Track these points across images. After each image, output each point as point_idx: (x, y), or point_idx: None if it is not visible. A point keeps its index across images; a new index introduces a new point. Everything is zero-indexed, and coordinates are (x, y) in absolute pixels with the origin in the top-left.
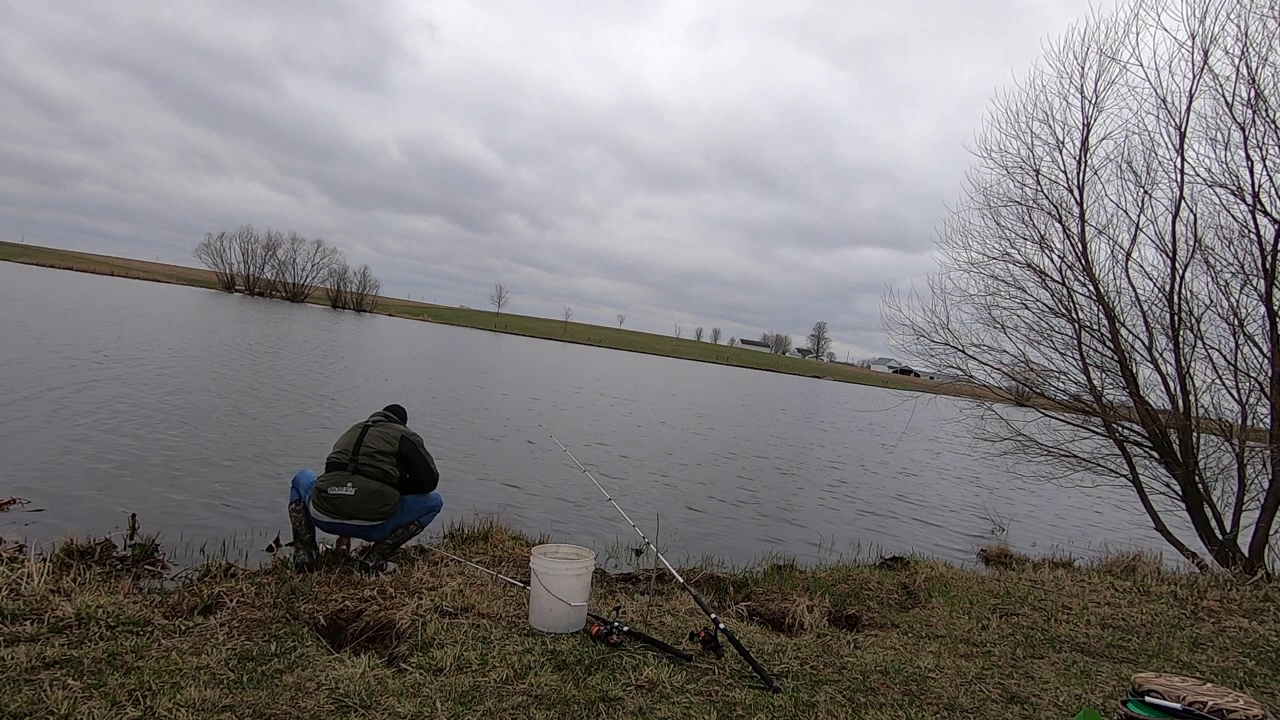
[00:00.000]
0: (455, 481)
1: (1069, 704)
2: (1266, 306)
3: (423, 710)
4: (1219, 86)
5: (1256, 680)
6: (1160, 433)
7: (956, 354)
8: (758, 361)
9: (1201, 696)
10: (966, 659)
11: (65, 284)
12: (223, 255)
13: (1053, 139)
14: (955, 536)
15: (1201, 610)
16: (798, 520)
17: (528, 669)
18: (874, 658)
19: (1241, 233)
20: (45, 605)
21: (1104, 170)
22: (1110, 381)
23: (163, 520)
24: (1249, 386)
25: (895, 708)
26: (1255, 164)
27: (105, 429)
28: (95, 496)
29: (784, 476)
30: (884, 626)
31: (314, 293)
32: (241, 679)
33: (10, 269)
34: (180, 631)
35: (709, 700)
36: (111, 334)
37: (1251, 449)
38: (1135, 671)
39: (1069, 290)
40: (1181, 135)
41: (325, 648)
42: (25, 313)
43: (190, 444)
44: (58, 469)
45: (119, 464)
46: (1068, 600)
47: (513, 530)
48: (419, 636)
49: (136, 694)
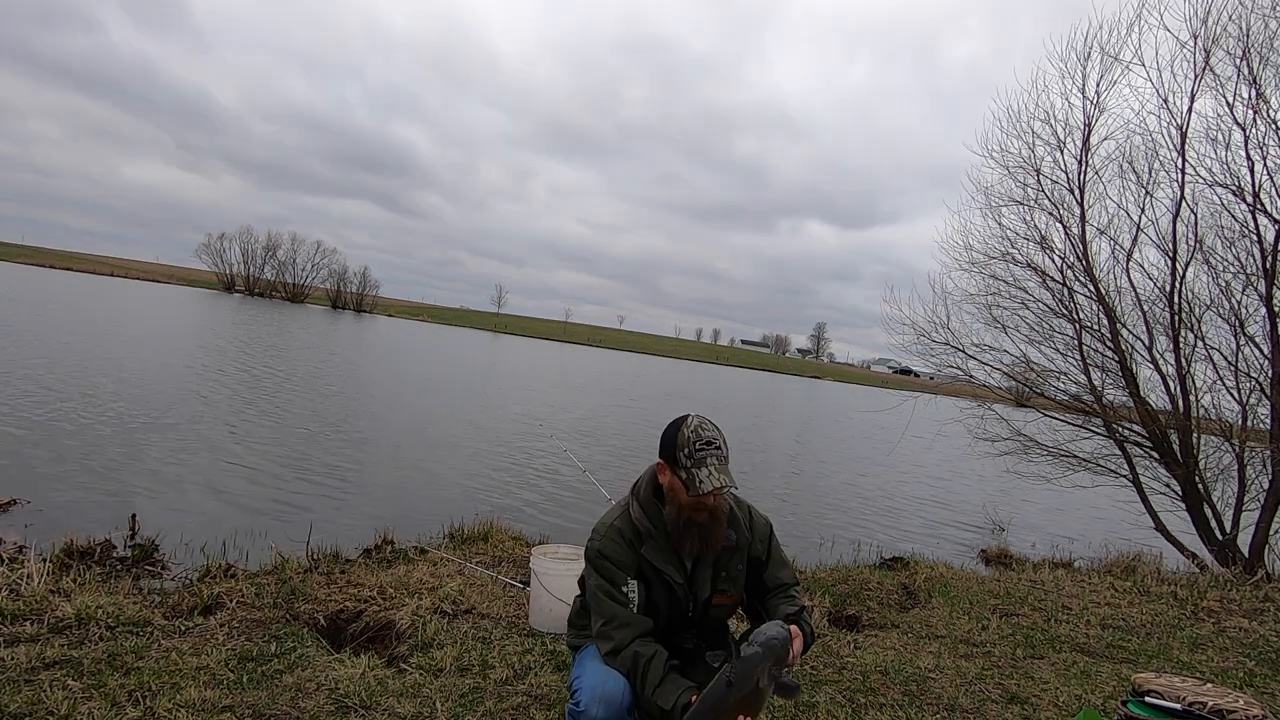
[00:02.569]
0: (455, 481)
1: (1069, 704)
2: (1267, 307)
3: (423, 710)
4: (1220, 86)
5: (1256, 680)
6: (1160, 433)
7: (957, 354)
8: (757, 362)
9: (1201, 697)
10: (966, 659)
11: (68, 285)
12: (222, 255)
13: (1054, 139)
14: (955, 537)
15: (1201, 610)
16: (798, 520)
17: (528, 669)
18: (874, 658)
19: (1242, 233)
20: (45, 606)
21: (1105, 170)
22: (1110, 382)
23: (163, 520)
24: (1249, 387)
25: (895, 708)
26: (1256, 164)
27: (106, 429)
28: (95, 496)
29: (784, 477)
30: (884, 627)
31: (314, 293)
32: (241, 679)
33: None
34: (180, 632)
35: None
36: (115, 336)
37: (1251, 449)
38: (1135, 672)
39: (1070, 290)
40: (1183, 135)
41: (325, 648)
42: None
43: (190, 444)
44: (58, 469)
45: (119, 464)
46: (1068, 600)
47: (513, 530)
48: (419, 637)
49: (136, 694)
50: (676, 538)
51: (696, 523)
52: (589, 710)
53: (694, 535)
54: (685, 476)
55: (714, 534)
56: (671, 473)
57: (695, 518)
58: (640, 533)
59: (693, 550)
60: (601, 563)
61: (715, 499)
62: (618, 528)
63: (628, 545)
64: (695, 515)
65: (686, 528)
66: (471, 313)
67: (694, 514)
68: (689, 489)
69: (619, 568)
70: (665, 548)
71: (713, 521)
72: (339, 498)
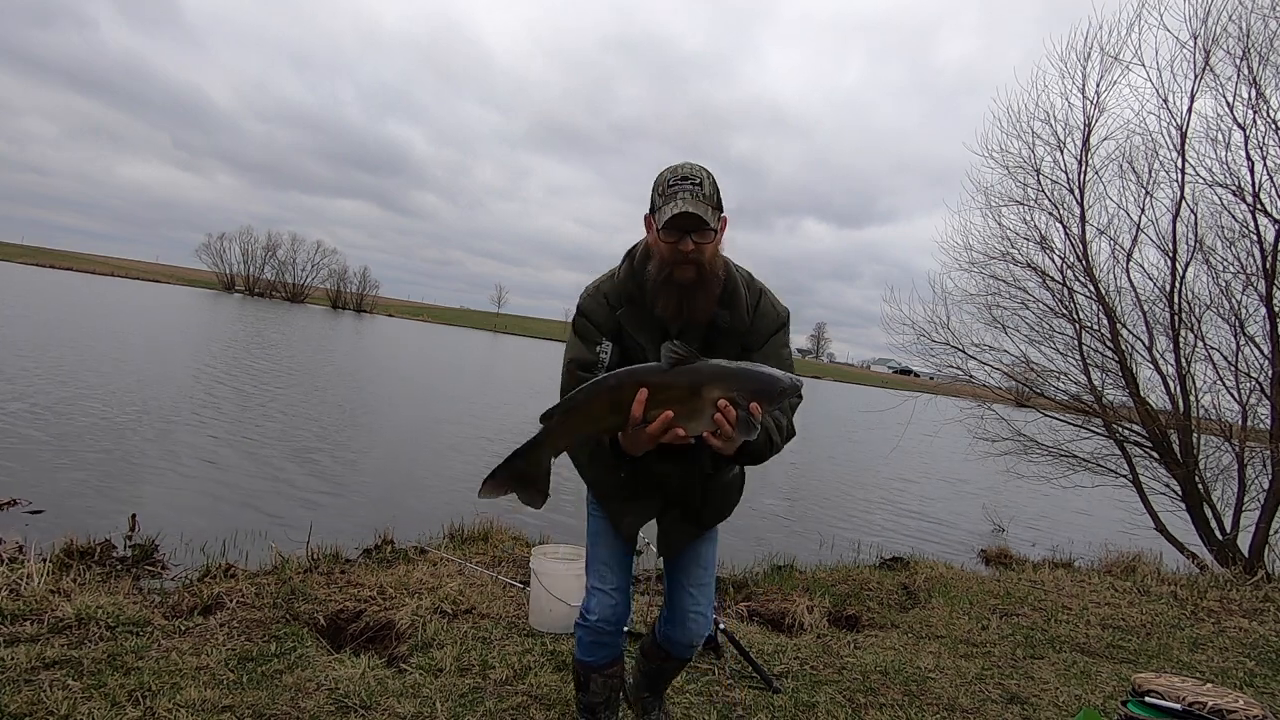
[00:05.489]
0: (456, 481)
1: (1069, 704)
2: (1267, 307)
3: (423, 710)
4: (1220, 86)
5: (1256, 680)
6: (1160, 433)
7: (957, 354)
8: None
9: (1201, 697)
10: (966, 659)
11: (72, 287)
12: (223, 256)
13: (1054, 139)
14: (955, 537)
15: (1201, 610)
16: (798, 520)
17: (528, 669)
18: (874, 658)
19: (1242, 233)
20: (45, 606)
21: (1105, 170)
22: (1110, 382)
23: (163, 520)
24: (1249, 387)
25: (895, 708)
26: (1256, 164)
27: (106, 428)
28: (95, 496)
29: (783, 477)
30: (884, 627)
31: (314, 293)
32: (241, 679)
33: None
34: (180, 632)
35: (709, 700)
36: (116, 336)
37: (1251, 449)
38: (1135, 672)
39: (1070, 290)
40: (1183, 135)
41: (325, 648)
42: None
43: (190, 443)
44: (58, 469)
45: (119, 464)
46: (1068, 600)
47: (513, 530)
48: (419, 637)
49: (136, 694)
50: (653, 296)
51: (677, 281)
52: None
53: (672, 294)
54: (656, 219)
55: (697, 299)
56: (652, 223)
57: (677, 274)
58: (622, 295)
59: (668, 310)
60: (579, 320)
61: (699, 253)
62: (603, 290)
63: (609, 307)
64: (677, 272)
65: (666, 284)
66: (472, 313)
67: (675, 269)
68: (659, 231)
69: (596, 328)
70: (647, 314)
71: (698, 284)
72: (339, 498)
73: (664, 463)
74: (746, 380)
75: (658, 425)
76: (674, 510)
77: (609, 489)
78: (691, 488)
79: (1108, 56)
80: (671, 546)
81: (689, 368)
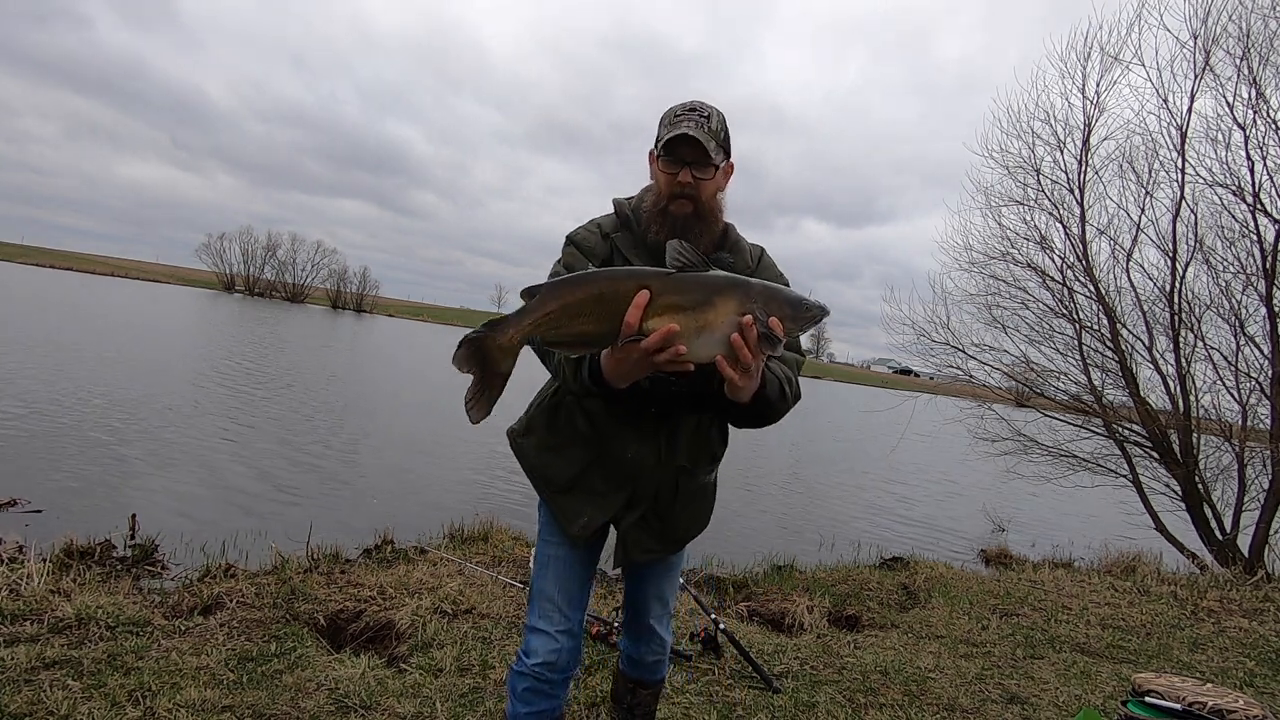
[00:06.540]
0: (456, 481)
1: (1069, 704)
2: (1267, 307)
3: (423, 711)
4: (1220, 86)
5: (1256, 680)
6: (1160, 433)
7: (957, 354)
8: None
9: (1201, 697)
10: (966, 659)
11: (73, 287)
12: (222, 256)
13: (1054, 139)
14: (955, 537)
15: (1201, 610)
16: (798, 520)
17: None
18: (874, 658)
19: (1242, 233)
20: (45, 606)
21: (1105, 170)
22: (1110, 382)
23: (163, 520)
24: (1249, 387)
25: (895, 708)
26: (1256, 164)
27: (106, 428)
28: (95, 497)
29: (783, 477)
30: (884, 627)
31: (314, 293)
32: (241, 679)
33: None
34: (180, 632)
35: (709, 700)
36: (116, 336)
37: (1251, 449)
38: (1135, 672)
39: (1070, 290)
40: (1183, 135)
41: (325, 648)
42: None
43: (191, 443)
44: (58, 469)
45: (119, 464)
46: (1067, 600)
47: (513, 530)
48: (419, 637)
49: (136, 694)
50: (647, 223)
51: (673, 214)
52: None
53: (666, 224)
54: (657, 145)
55: (691, 234)
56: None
57: (673, 208)
58: (617, 224)
59: (661, 236)
60: (567, 250)
61: (696, 188)
62: (598, 220)
63: (602, 236)
64: (673, 205)
65: (660, 215)
66: (472, 313)
67: (671, 203)
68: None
69: (585, 254)
70: (641, 242)
71: (695, 218)
72: (339, 498)
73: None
74: (772, 292)
75: (656, 339)
76: (639, 510)
77: (560, 478)
78: (665, 480)
79: (1108, 56)
80: (630, 557)
81: (700, 274)
